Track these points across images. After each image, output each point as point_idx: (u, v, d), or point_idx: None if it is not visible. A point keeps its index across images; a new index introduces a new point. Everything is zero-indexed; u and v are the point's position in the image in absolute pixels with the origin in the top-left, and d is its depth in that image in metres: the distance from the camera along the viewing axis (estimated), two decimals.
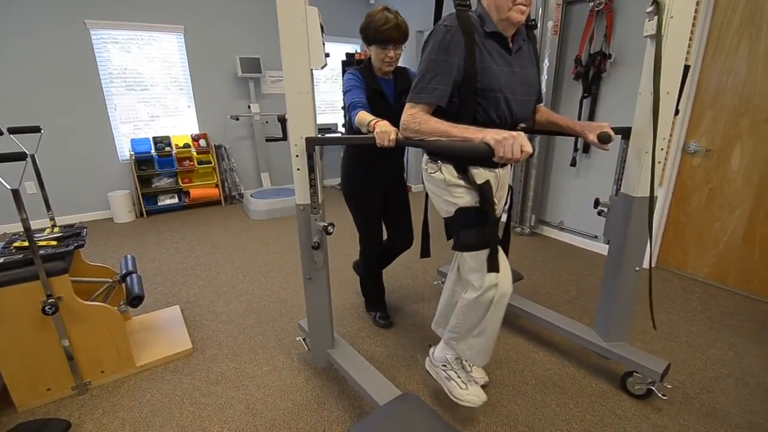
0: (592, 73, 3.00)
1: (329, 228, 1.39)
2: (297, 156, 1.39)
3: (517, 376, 1.84)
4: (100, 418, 1.62)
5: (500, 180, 1.48)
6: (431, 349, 1.68)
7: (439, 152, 1.37)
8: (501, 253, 1.36)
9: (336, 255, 3.23)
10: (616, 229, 1.66)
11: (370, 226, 2.08)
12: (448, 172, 1.38)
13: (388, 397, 1.41)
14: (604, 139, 1.37)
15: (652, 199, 1.49)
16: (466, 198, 1.37)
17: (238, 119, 4.73)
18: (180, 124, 4.67)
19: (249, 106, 4.79)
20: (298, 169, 1.41)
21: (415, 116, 1.26)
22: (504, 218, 1.73)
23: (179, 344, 2.04)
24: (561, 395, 1.72)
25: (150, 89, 4.42)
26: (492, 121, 1.29)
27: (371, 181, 1.99)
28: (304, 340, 1.89)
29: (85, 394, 1.75)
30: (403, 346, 2.07)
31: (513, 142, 1.03)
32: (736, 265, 2.56)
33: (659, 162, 1.49)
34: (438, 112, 1.27)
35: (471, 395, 1.53)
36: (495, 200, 1.40)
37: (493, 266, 1.34)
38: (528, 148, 1.03)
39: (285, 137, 5.05)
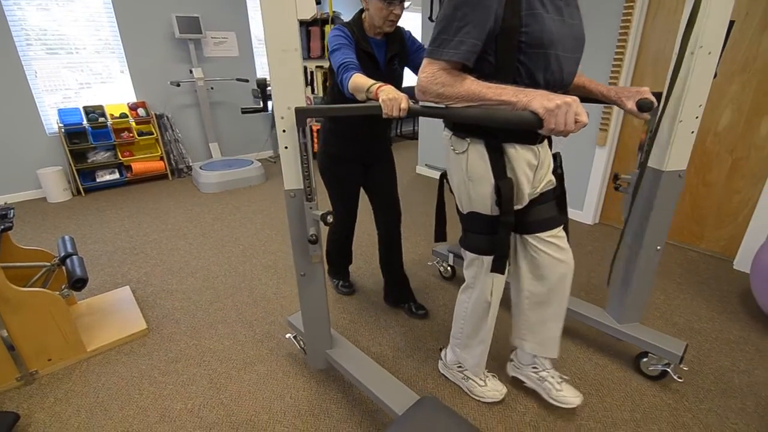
0: None
1: (328, 218, 1.19)
2: (284, 131, 1.16)
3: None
4: (52, 406, 1.55)
5: (540, 157, 1.20)
6: (442, 353, 1.66)
7: (468, 124, 1.12)
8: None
9: None
10: (638, 206, 1.51)
11: (345, 206, 1.93)
12: (477, 154, 1.16)
13: (405, 403, 1.29)
14: (644, 107, 1.17)
15: (642, 172, 1.39)
16: (484, 201, 1.19)
17: (179, 85, 4.40)
18: (114, 92, 4.28)
19: (191, 71, 4.46)
20: (286, 148, 1.19)
21: (437, 76, 1.00)
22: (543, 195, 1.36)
23: (133, 325, 1.96)
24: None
25: (76, 53, 3.99)
26: (538, 87, 1.02)
27: (352, 158, 1.81)
28: (295, 337, 1.74)
29: (32, 384, 1.66)
30: (403, 333, 2.10)
31: (567, 110, 0.83)
32: (674, 219, 2.78)
33: (692, 132, 1.35)
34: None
35: (491, 391, 1.51)
36: (535, 184, 1.23)
37: (499, 267, 1.23)
38: (584, 117, 0.84)
39: (265, 107, 4.58)
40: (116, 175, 4.24)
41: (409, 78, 1.67)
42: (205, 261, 2.65)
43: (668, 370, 1.57)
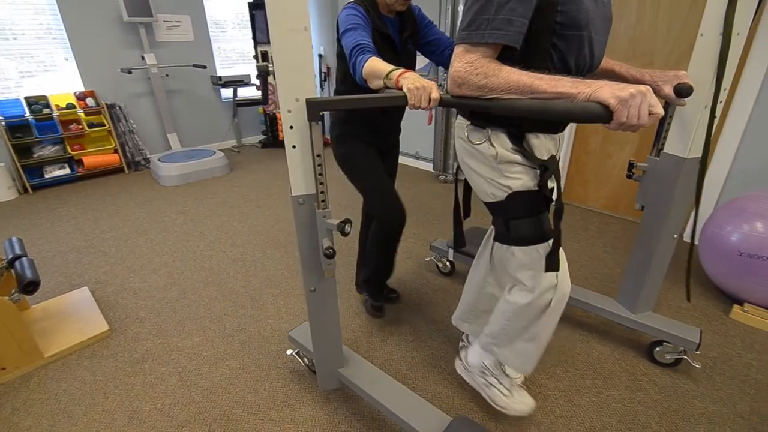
0: None
1: (346, 227, 1.03)
2: (292, 128, 0.99)
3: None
4: (10, 417, 1.47)
5: (559, 147, 1.15)
6: (462, 353, 1.48)
7: (522, 116, 0.96)
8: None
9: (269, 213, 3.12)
10: (656, 194, 1.47)
11: (382, 184, 1.61)
12: (500, 144, 1.05)
13: (435, 426, 1.21)
14: (684, 92, 1.09)
15: (705, 162, 1.27)
16: (523, 179, 1.07)
17: (130, 72, 4.15)
18: (59, 81, 4.00)
19: (143, 57, 4.21)
20: (294, 147, 1.01)
21: (478, 64, 0.88)
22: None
23: (94, 327, 1.88)
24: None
25: (14, 39, 3.67)
26: (567, 73, 0.93)
27: (371, 142, 1.64)
28: (298, 354, 1.62)
29: None
30: (405, 337, 2.09)
31: (641, 100, 0.73)
32: (625, 195, 2.92)
33: (714, 117, 1.28)
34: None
35: (518, 403, 1.34)
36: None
37: (553, 264, 1.08)
38: (659, 109, 0.74)
39: (266, 99, 4.15)
40: (66, 171, 3.99)
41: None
42: (168, 257, 2.55)
43: (685, 357, 1.56)
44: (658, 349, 1.61)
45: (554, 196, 1.10)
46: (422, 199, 3.43)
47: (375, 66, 1.14)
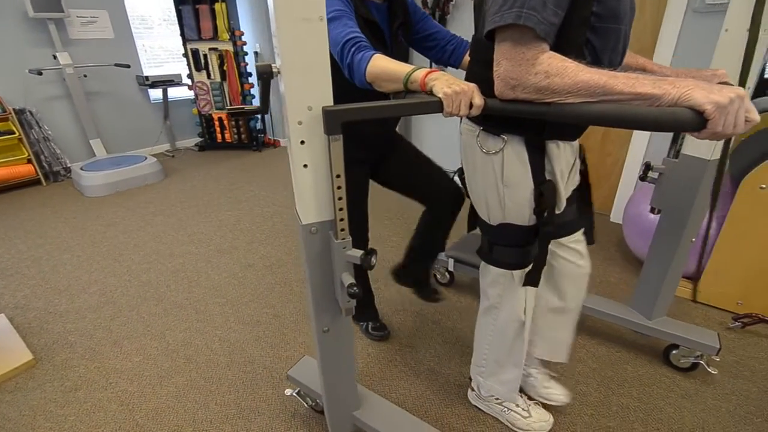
0: (438, 15, 3.13)
1: (372, 259, 0.87)
2: (303, 143, 0.81)
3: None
4: None
5: (576, 154, 1.07)
6: (473, 382, 1.41)
7: (504, 116, 0.86)
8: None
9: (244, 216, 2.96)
10: (673, 198, 1.42)
11: (358, 219, 1.51)
12: (514, 154, 0.95)
13: None
14: None
15: (724, 162, 1.25)
16: (521, 209, 1.00)
17: (41, 74, 3.75)
18: None
19: (55, 56, 3.83)
20: (306, 166, 0.84)
21: (537, 62, 0.72)
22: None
23: (15, 358, 1.69)
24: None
25: None
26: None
27: (360, 160, 1.44)
28: (299, 393, 1.44)
29: None
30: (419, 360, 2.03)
31: (739, 105, 0.63)
32: None
33: None
34: None
35: (538, 422, 1.32)
36: (568, 186, 1.07)
37: (533, 279, 1.06)
38: (756, 115, 0.64)
39: (266, 107, 3.67)
40: None
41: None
42: (99, 274, 2.35)
43: (701, 362, 1.53)
44: (674, 352, 1.59)
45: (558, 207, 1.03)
46: (374, 199, 3.43)
47: (385, 66, 0.94)
